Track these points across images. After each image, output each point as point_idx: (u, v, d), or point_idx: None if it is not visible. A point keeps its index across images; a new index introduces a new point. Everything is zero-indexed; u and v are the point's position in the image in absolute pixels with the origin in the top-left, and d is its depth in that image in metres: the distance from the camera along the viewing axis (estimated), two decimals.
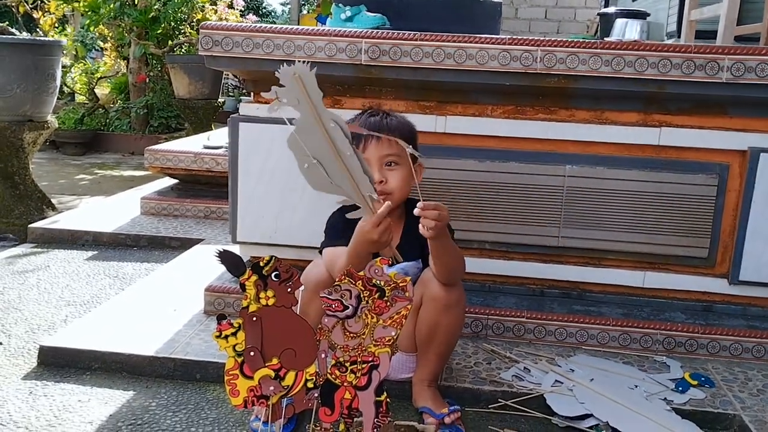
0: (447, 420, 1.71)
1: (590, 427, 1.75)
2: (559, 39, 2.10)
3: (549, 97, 2.20)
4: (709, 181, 2.17)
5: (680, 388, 1.91)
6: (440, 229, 1.60)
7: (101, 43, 7.92)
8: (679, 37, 4.17)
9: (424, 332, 1.76)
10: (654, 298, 2.29)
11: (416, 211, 1.58)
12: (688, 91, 2.08)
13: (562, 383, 1.92)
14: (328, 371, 1.41)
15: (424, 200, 1.60)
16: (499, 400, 1.87)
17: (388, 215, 1.60)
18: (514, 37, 2.12)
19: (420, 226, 1.60)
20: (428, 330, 1.75)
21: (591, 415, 1.78)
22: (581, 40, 2.14)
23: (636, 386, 1.92)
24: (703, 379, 1.97)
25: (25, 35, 4.81)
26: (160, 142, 4.96)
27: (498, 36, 2.15)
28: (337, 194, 1.56)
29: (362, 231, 1.59)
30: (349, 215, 1.61)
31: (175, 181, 4.04)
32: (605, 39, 3.23)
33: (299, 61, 1.50)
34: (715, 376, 2.02)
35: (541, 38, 2.10)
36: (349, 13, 2.35)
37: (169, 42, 6.83)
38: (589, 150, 2.22)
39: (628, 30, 4.63)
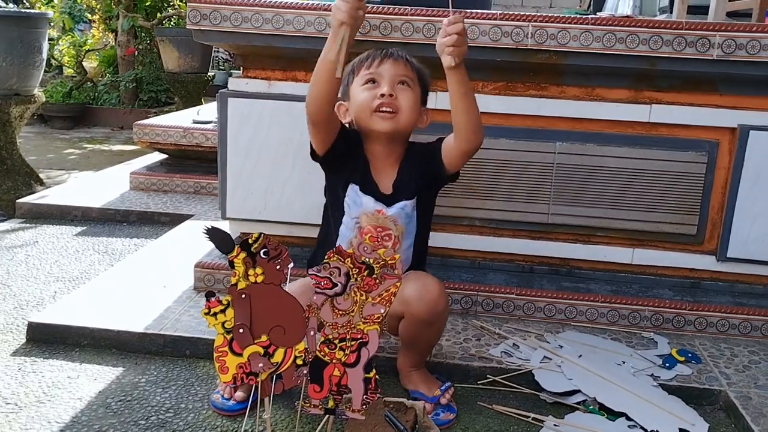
0: (443, 401, 1.72)
1: (578, 403, 1.77)
2: (550, 15, 2.08)
3: (540, 74, 2.19)
4: (699, 159, 2.17)
5: (667, 365, 1.93)
6: (463, 50, 1.59)
7: (89, 16, 7.82)
8: (671, 12, 4.15)
9: (406, 340, 1.75)
10: (642, 274, 2.31)
11: (445, 22, 1.57)
12: (678, 68, 2.07)
13: (550, 359, 1.94)
14: (317, 348, 1.42)
15: None
16: (488, 376, 1.88)
17: (383, 144, 1.71)
18: (506, 12, 2.10)
19: (443, 49, 1.59)
20: (411, 339, 1.74)
21: (578, 391, 1.79)
22: (573, 15, 2.12)
23: (623, 362, 1.94)
24: (689, 355, 1.99)
25: (11, 7, 4.75)
26: (150, 117, 4.92)
27: (489, 11, 2.13)
28: None
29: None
30: None
31: (165, 156, 4.02)
32: (598, 14, 3.21)
33: None
34: (701, 353, 2.04)
35: (533, 14, 2.09)
36: None
37: (158, 14, 6.75)
38: (579, 127, 2.21)
39: (620, 5, 4.61)
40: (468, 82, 1.65)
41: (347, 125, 1.79)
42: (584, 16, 2.11)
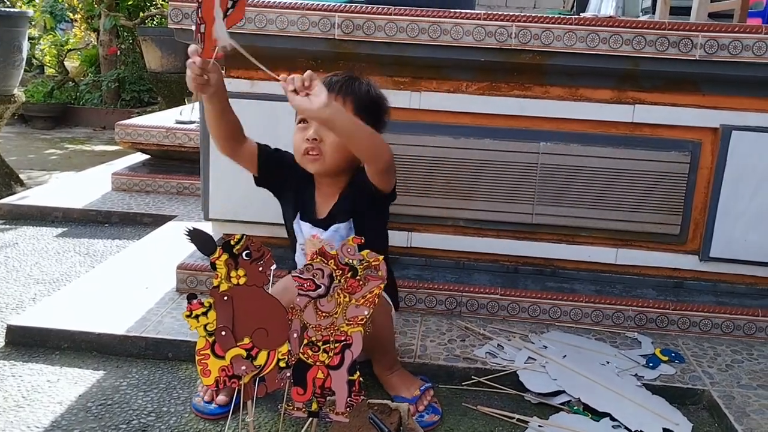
0: (420, 407, 1.72)
1: (562, 404, 1.77)
2: (534, 15, 2.08)
3: (524, 74, 2.19)
4: (682, 159, 2.18)
5: (651, 364, 1.94)
6: (319, 109, 1.50)
7: (71, 15, 7.75)
8: (654, 13, 4.17)
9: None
10: (626, 274, 2.31)
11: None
12: (661, 69, 2.08)
13: (534, 360, 1.93)
14: (301, 351, 1.40)
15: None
16: (473, 377, 1.88)
17: (323, 177, 1.73)
18: (489, 12, 2.10)
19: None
20: (365, 340, 1.71)
21: (563, 392, 1.79)
22: (557, 15, 2.13)
23: (608, 362, 1.94)
24: (673, 354, 2.00)
25: None
26: (132, 117, 4.88)
27: (473, 11, 2.13)
28: None
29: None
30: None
31: (147, 156, 3.98)
32: (581, 14, 3.22)
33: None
34: (685, 352, 2.04)
35: (516, 14, 2.09)
36: None
37: (141, 14, 6.70)
38: (563, 127, 2.21)
39: (603, 5, 4.63)
40: (342, 127, 1.57)
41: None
42: (568, 17, 2.11)
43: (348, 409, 1.39)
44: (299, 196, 1.83)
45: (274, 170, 1.82)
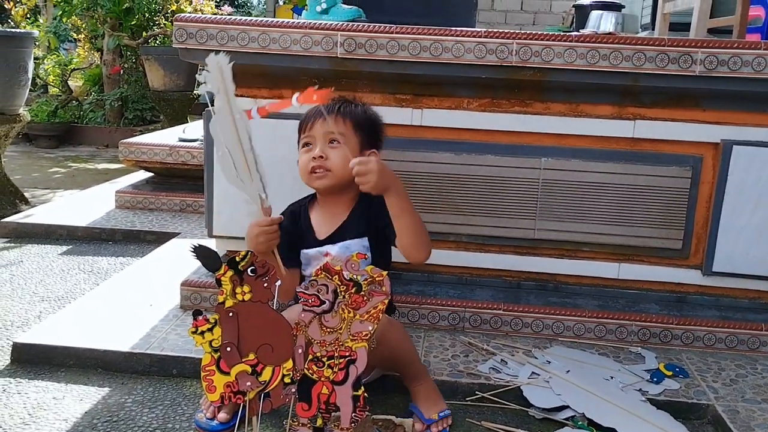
0: (434, 429, 1.70)
1: (566, 419, 1.77)
2: (534, 32, 2.10)
3: (525, 90, 2.20)
4: (683, 174, 2.19)
5: (655, 379, 1.93)
6: (377, 181, 1.61)
7: (74, 35, 7.82)
8: (653, 29, 4.20)
9: (380, 360, 1.71)
10: (629, 289, 2.31)
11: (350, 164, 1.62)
12: (662, 84, 2.09)
13: (538, 375, 1.94)
14: (306, 366, 1.41)
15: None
16: (477, 392, 1.88)
17: (329, 196, 1.79)
18: (490, 30, 2.12)
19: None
20: (381, 356, 1.69)
21: (567, 407, 1.79)
22: (556, 32, 2.15)
23: (611, 377, 1.94)
24: (677, 369, 2.00)
25: None
26: (135, 135, 4.91)
27: (474, 29, 2.15)
28: (241, 190, 1.63)
29: (249, 227, 1.66)
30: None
31: (151, 174, 4.01)
32: (581, 31, 3.25)
33: (222, 53, 1.58)
34: (689, 367, 2.04)
35: (517, 31, 2.11)
36: (324, 5, 2.34)
37: (144, 33, 6.76)
38: (564, 143, 2.23)
39: (603, 22, 4.66)
40: (402, 204, 1.66)
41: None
42: (568, 33, 2.13)
43: (353, 424, 1.40)
44: (302, 235, 1.84)
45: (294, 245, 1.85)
